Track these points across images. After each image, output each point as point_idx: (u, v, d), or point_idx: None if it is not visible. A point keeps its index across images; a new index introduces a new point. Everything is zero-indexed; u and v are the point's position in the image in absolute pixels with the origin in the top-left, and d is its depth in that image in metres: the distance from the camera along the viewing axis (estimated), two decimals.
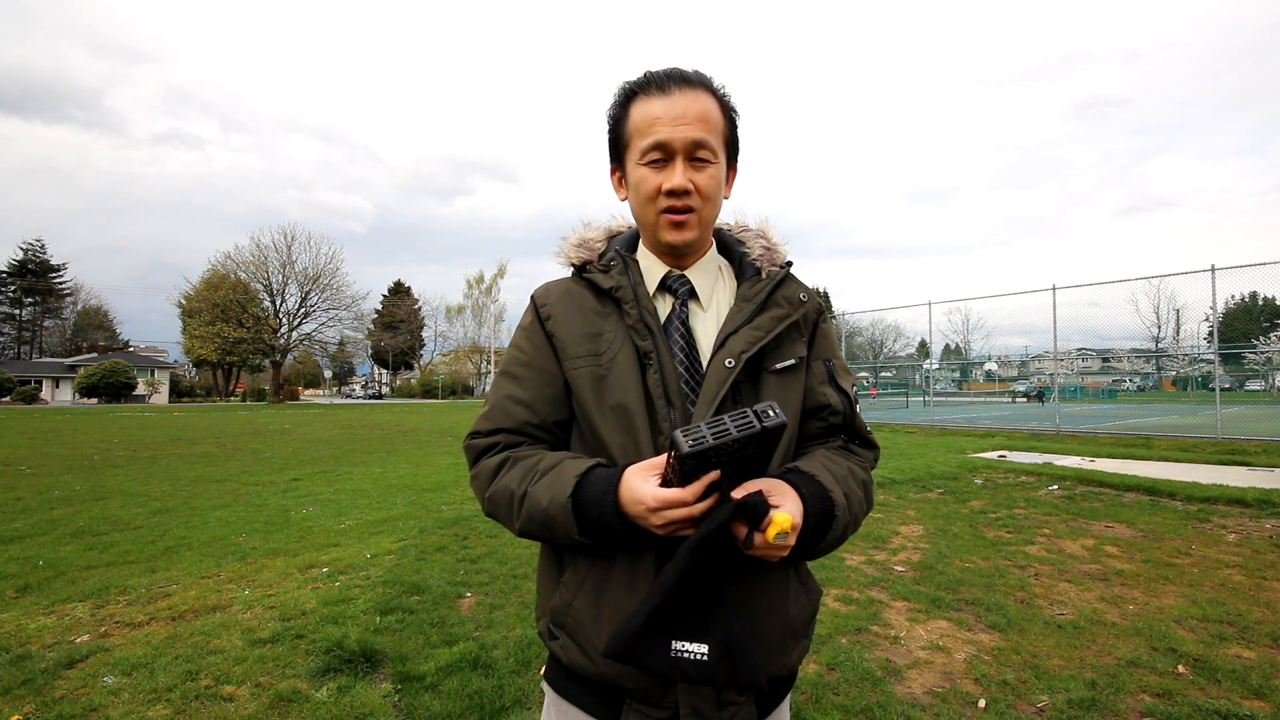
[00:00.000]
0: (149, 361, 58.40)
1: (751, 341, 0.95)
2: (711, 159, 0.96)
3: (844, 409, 1.04)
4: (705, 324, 1.01)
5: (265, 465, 10.35)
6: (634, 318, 0.97)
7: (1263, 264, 12.31)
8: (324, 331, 55.84)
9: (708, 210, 0.98)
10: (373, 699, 2.61)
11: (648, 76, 0.98)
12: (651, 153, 0.95)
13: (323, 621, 3.38)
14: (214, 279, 49.67)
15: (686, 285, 1.02)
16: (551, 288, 1.06)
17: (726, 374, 0.92)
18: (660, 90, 0.95)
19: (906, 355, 45.17)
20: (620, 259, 1.02)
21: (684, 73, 0.97)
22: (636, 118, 0.97)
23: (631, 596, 0.91)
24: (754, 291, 1.01)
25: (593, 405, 0.96)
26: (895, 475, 7.78)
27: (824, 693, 2.64)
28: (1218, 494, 6.26)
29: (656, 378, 0.93)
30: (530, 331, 1.04)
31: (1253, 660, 2.86)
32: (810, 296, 1.04)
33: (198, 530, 5.67)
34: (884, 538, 5.07)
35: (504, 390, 1.02)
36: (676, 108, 0.94)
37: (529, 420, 0.99)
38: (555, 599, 0.98)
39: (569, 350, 0.99)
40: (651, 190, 0.96)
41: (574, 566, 0.96)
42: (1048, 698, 2.57)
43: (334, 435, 16.55)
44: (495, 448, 0.99)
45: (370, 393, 70.16)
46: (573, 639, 0.95)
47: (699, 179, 0.95)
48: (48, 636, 3.26)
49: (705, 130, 0.95)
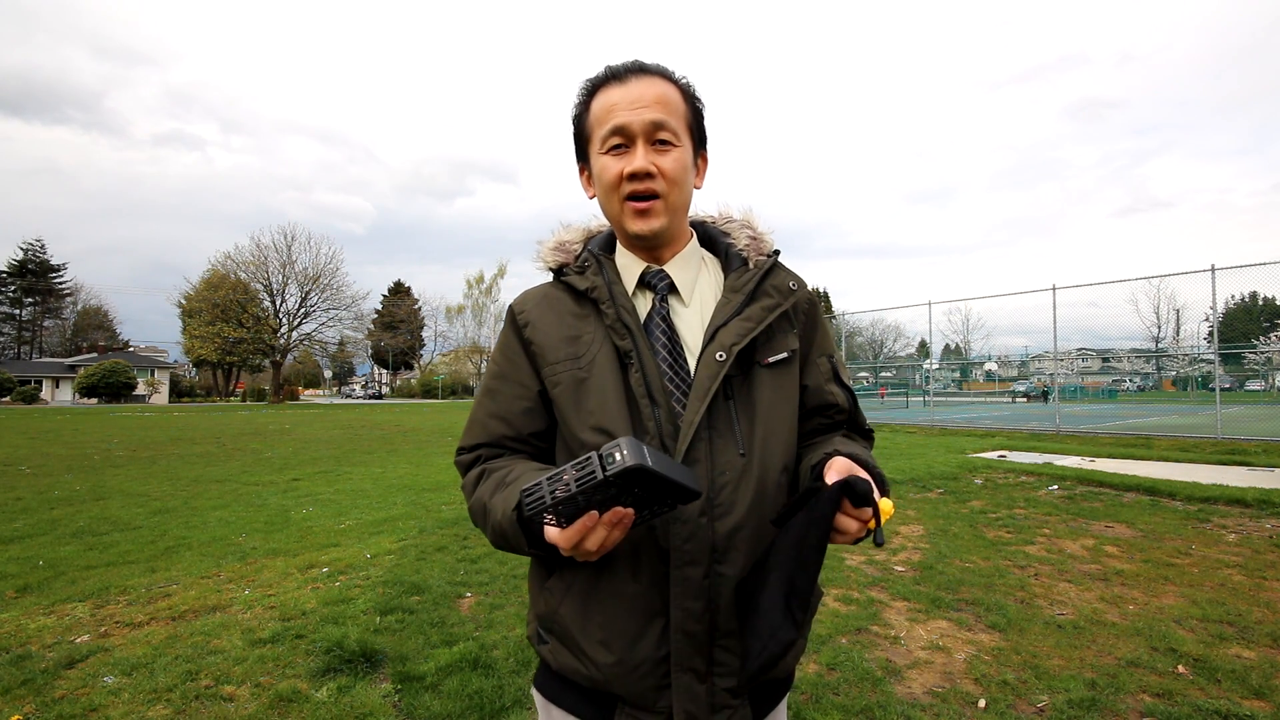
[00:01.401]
0: (149, 361, 58.45)
1: (743, 333, 0.92)
2: (674, 141, 0.93)
3: (849, 406, 1.03)
4: (688, 319, 0.98)
5: (265, 465, 10.35)
6: (611, 317, 0.94)
7: (1263, 264, 12.31)
8: (324, 331, 55.88)
9: (675, 195, 0.95)
10: (373, 699, 2.61)
11: (607, 70, 0.97)
12: (611, 138, 0.93)
13: (323, 621, 3.38)
14: (214, 279, 49.66)
15: (666, 280, 0.99)
16: (529, 294, 1.04)
17: (718, 368, 0.90)
18: (618, 80, 0.94)
19: (906, 355, 45.18)
20: (594, 259, 1.00)
21: (642, 63, 0.96)
22: (596, 109, 0.96)
23: (620, 600, 0.88)
24: (742, 282, 0.98)
25: (572, 410, 0.93)
26: (895, 475, 7.78)
27: (824, 693, 2.64)
28: (1218, 494, 6.26)
29: (638, 377, 0.90)
30: (505, 345, 1.03)
31: (1253, 660, 2.86)
32: (800, 284, 1.01)
33: (198, 530, 5.67)
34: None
35: (482, 407, 1.02)
36: (633, 93, 0.93)
37: (505, 434, 0.99)
38: (542, 604, 0.96)
39: (549, 355, 0.96)
40: (614, 177, 0.93)
41: (560, 571, 0.94)
42: (1048, 698, 2.57)
43: (334, 435, 16.55)
44: (477, 461, 0.99)
45: (370, 393, 70.19)
46: (562, 643, 0.93)
47: (662, 162, 0.92)
48: (48, 636, 3.26)
49: (664, 111, 0.93)
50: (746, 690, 0.91)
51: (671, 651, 0.87)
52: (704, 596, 0.87)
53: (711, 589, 0.87)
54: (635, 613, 0.88)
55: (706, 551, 0.87)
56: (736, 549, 0.88)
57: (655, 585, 0.88)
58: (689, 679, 0.87)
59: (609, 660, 0.89)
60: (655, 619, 0.88)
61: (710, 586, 0.87)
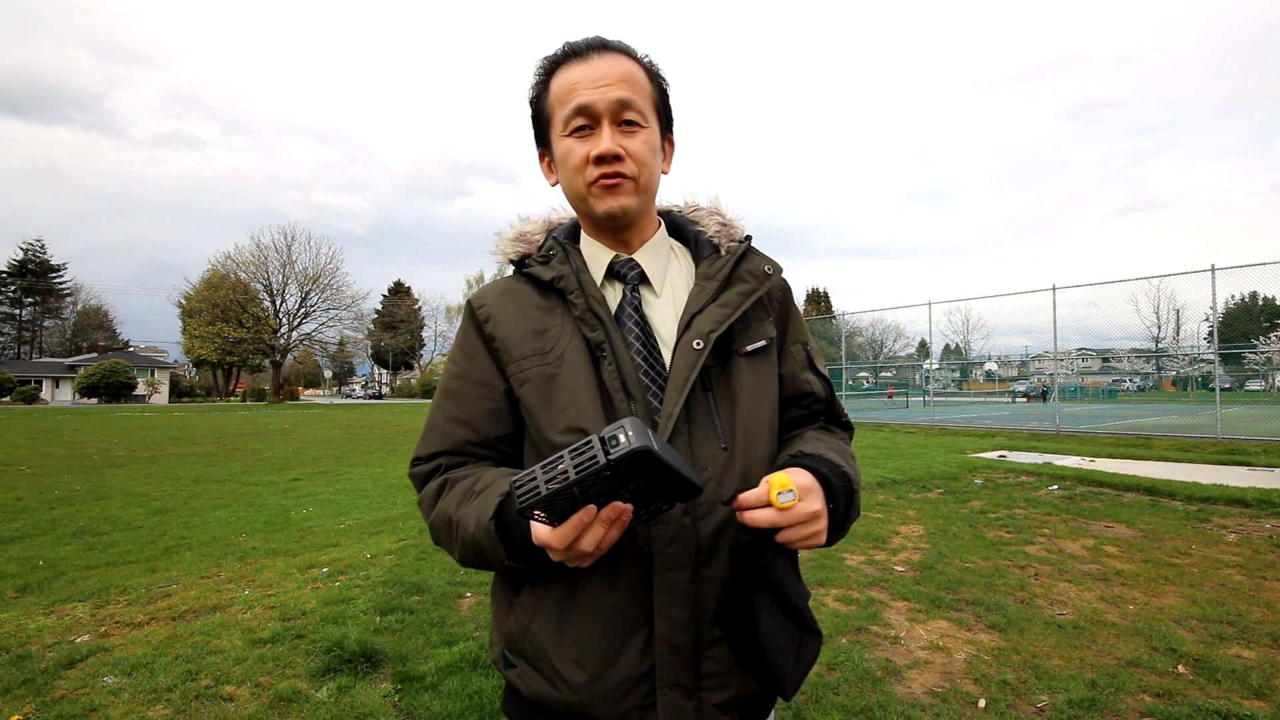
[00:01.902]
0: (149, 361, 58.48)
1: (719, 320, 0.88)
2: (641, 122, 0.88)
3: (825, 394, 0.99)
4: (661, 310, 0.93)
5: (265, 465, 10.35)
6: (581, 307, 0.88)
7: (1263, 264, 12.32)
8: (324, 331, 55.92)
9: (644, 176, 0.89)
10: (373, 699, 2.61)
11: (566, 46, 0.91)
12: (575, 119, 0.87)
13: (323, 621, 3.37)
14: (214, 279, 49.69)
15: (636, 269, 0.94)
16: (488, 289, 0.98)
17: (696, 356, 0.85)
18: (579, 57, 0.89)
19: (906, 355, 45.16)
20: (560, 247, 0.94)
21: (604, 39, 0.90)
22: (556, 87, 0.89)
23: (597, 613, 0.82)
24: (715, 269, 0.93)
25: (541, 409, 0.86)
26: (895, 475, 7.78)
27: (824, 693, 2.64)
28: (1218, 494, 6.26)
29: (612, 369, 0.85)
30: (465, 342, 0.96)
31: (1253, 660, 2.86)
32: (776, 268, 0.97)
33: (198, 530, 5.67)
34: (884, 538, 5.07)
35: (441, 410, 0.94)
36: (596, 70, 0.87)
37: (468, 439, 0.91)
38: (511, 622, 0.88)
39: (513, 352, 0.90)
40: (579, 160, 0.87)
41: (531, 585, 0.87)
42: (1048, 698, 2.57)
43: (334, 435, 16.55)
44: (437, 471, 0.91)
45: (370, 393, 70.17)
46: (533, 666, 0.85)
47: (629, 144, 0.87)
48: (48, 636, 3.26)
49: (630, 90, 0.87)
50: (736, 705, 0.86)
51: (656, 666, 0.81)
52: (690, 603, 0.81)
53: (698, 595, 0.82)
54: (615, 626, 0.82)
55: (691, 554, 0.82)
56: (721, 549, 0.83)
57: (635, 595, 0.82)
58: (676, 695, 0.81)
59: (586, 680, 0.82)
60: (637, 632, 0.82)
61: (696, 592, 0.82)
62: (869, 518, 5.74)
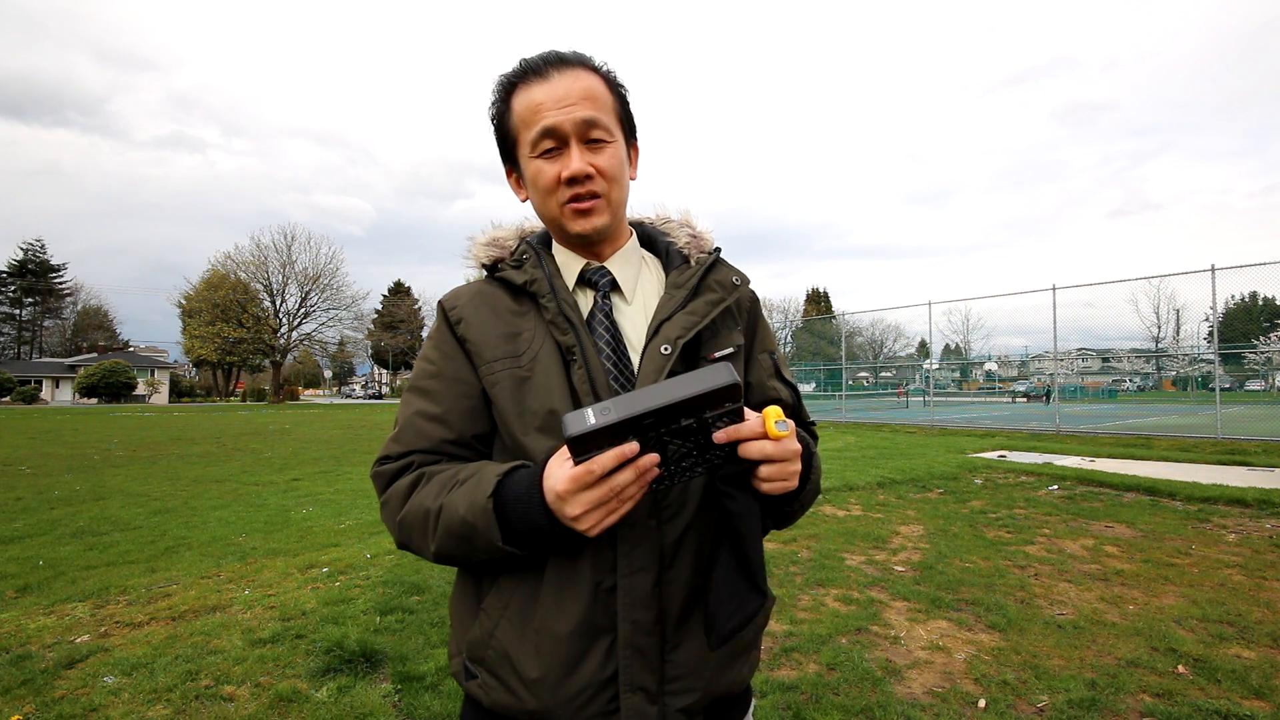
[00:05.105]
0: (149, 361, 58.46)
1: (687, 326, 0.89)
2: (607, 138, 0.89)
3: (792, 401, 1.00)
4: (631, 317, 0.94)
5: (265, 465, 10.35)
6: (552, 311, 0.89)
7: (1263, 264, 12.34)
8: (324, 331, 55.88)
9: (615, 193, 0.91)
10: (373, 699, 2.61)
11: (523, 64, 0.91)
12: (543, 142, 0.88)
13: (323, 621, 3.38)
14: (214, 279, 49.68)
15: (608, 277, 0.95)
16: (461, 290, 0.99)
17: (663, 361, 0.86)
18: (538, 75, 0.89)
19: (906, 355, 45.19)
20: (533, 252, 0.95)
21: (560, 54, 0.91)
22: (519, 108, 0.90)
23: (560, 617, 0.82)
24: (685, 278, 0.95)
25: (513, 411, 0.87)
26: (895, 475, 7.78)
27: (824, 693, 2.64)
28: (1218, 494, 6.27)
29: (582, 373, 0.85)
30: (439, 340, 0.95)
31: (1253, 660, 2.86)
32: (743, 280, 0.99)
33: (198, 530, 5.68)
34: (884, 538, 5.07)
35: (414, 407, 0.92)
36: (558, 90, 0.87)
37: (444, 437, 0.90)
38: (474, 630, 0.88)
39: (485, 354, 0.90)
40: (550, 181, 0.89)
41: (496, 590, 0.87)
42: (1048, 698, 2.57)
43: (334, 435, 16.55)
44: (408, 469, 0.89)
45: (370, 393, 70.19)
46: (494, 675, 0.85)
47: (599, 161, 0.88)
48: (48, 636, 3.26)
49: (594, 108, 0.88)
50: (701, 710, 0.86)
51: (620, 670, 0.81)
52: (654, 607, 0.82)
53: (662, 597, 0.83)
54: (578, 631, 0.82)
55: (655, 557, 0.82)
56: (685, 552, 0.84)
57: (599, 598, 0.82)
58: (639, 700, 0.81)
59: (548, 687, 0.81)
60: (600, 636, 0.82)
61: (660, 595, 0.83)
62: (869, 518, 5.74)
